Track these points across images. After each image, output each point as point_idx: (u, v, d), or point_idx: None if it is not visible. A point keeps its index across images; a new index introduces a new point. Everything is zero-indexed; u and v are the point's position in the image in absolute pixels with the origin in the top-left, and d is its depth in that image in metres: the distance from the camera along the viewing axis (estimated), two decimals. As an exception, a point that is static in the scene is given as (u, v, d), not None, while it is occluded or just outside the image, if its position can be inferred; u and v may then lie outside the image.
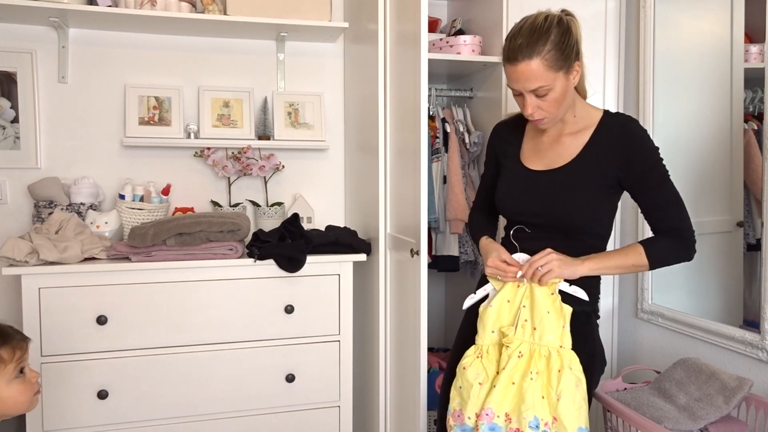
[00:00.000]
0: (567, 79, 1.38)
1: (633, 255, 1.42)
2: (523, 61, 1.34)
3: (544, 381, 1.36)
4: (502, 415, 1.36)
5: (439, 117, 2.32)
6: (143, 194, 2.21)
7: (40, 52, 2.22)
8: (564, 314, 1.39)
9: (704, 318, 1.86)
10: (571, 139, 1.47)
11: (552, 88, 1.36)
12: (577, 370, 1.36)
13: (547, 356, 1.37)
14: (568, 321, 1.39)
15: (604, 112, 1.48)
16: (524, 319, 1.41)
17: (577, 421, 1.33)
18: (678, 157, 2.01)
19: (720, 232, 1.91)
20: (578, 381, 1.36)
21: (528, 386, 1.34)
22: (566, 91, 1.40)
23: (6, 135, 2.20)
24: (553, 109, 1.40)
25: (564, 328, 1.38)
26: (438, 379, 2.27)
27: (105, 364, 1.88)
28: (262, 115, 2.41)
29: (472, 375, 1.42)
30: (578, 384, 1.35)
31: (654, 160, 1.41)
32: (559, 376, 1.34)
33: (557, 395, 1.33)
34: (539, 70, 1.34)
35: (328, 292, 2.07)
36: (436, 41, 2.23)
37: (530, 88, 1.36)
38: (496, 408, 1.36)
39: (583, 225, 1.45)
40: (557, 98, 1.39)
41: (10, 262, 1.79)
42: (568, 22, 1.38)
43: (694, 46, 2.00)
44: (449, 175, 2.27)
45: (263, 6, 2.21)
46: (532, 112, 1.40)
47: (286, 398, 2.05)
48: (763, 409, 1.56)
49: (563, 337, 1.38)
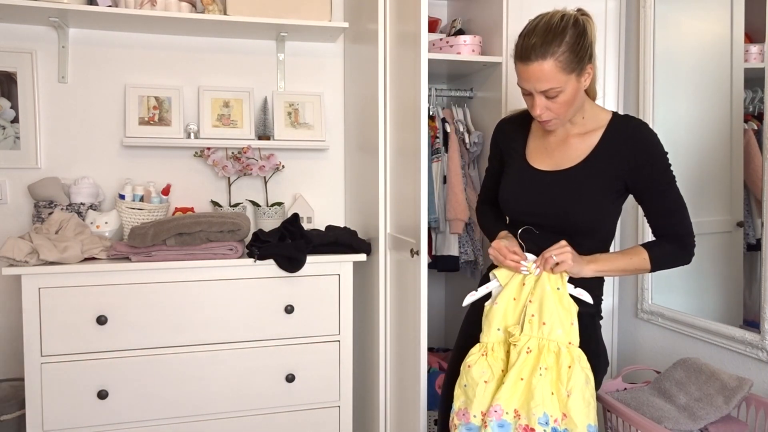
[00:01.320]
0: (578, 81, 1.36)
1: (637, 259, 1.41)
2: (536, 61, 1.31)
3: (554, 377, 1.34)
4: (511, 412, 1.35)
5: (439, 117, 2.32)
6: (143, 194, 2.21)
7: (40, 52, 2.22)
8: (571, 311, 1.38)
9: (704, 318, 1.86)
10: (579, 140, 1.46)
11: (563, 90, 1.34)
12: (586, 367, 1.36)
13: (557, 352, 1.36)
14: (575, 318, 1.38)
15: (613, 114, 1.46)
16: (531, 314, 1.39)
17: (586, 419, 1.31)
18: (678, 157, 2.01)
19: (720, 232, 1.91)
20: (588, 378, 1.35)
21: (537, 382, 1.33)
22: (576, 93, 1.37)
23: (6, 135, 2.20)
24: (562, 111, 1.38)
25: (572, 324, 1.38)
26: (438, 379, 2.27)
27: (105, 364, 1.88)
28: (262, 115, 2.41)
29: (478, 373, 1.41)
30: (588, 381, 1.35)
31: (664, 166, 1.40)
32: (570, 373, 1.33)
33: (567, 391, 1.32)
34: (552, 71, 1.31)
35: (328, 292, 2.07)
36: (436, 41, 2.23)
37: (541, 89, 1.34)
38: (504, 405, 1.34)
39: (588, 228, 1.44)
40: (567, 100, 1.36)
41: (10, 262, 1.79)
42: (584, 22, 1.36)
43: (694, 46, 1.99)
44: (449, 175, 2.27)
45: (263, 6, 2.21)
46: (541, 113, 1.38)
47: (286, 398, 2.05)
48: (763, 409, 1.56)
49: (571, 333, 1.37)
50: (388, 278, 2.02)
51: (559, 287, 1.39)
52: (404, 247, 1.82)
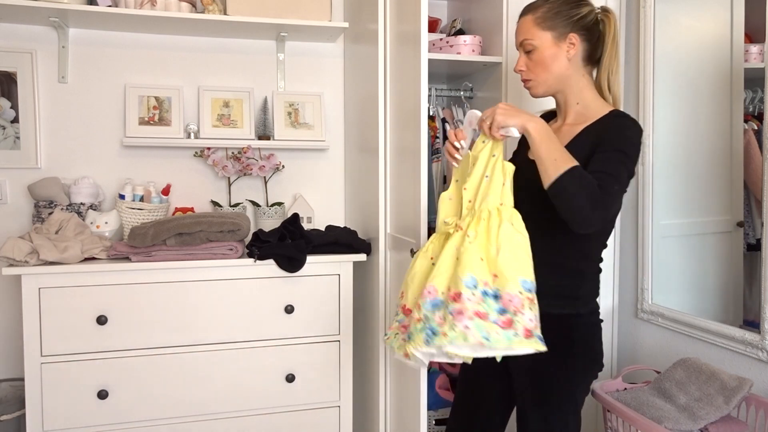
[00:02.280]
0: (557, 45, 1.43)
1: (561, 160, 1.27)
2: (523, 16, 1.47)
3: (483, 242, 1.25)
4: (445, 291, 1.26)
5: (439, 117, 2.32)
6: (143, 194, 2.21)
7: (40, 52, 2.22)
8: (505, 172, 1.31)
9: (704, 318, 1.86)
10: (569, 129, 1.47)
11: (536, 47, 1.44)
12: (519, 226, 1.28)
13: (487, 217, 1.28)
14: (509, 178, 1.32)
15: (612, 110, 1.44)
16: (468, 201, 1.34)
17: (517, 272, 1.22)
18: (678, 157, 2.02)
19: (720, 232, 1.91)
20: (522, 237, 1.26)
21: (464, 249, 1.25)
22: (554, 58, 1.43)
23: (6, 135, 2.20)
24: (538, 71, 1.45)
25: (504, 185, 1.30)
26: (438, 379, 2.27)
27: (105, 364, 1.88)
28: (262, 115, 2.41)
29: (418, 266, 1.39)
30: (522, 241, 1.26)
31: (620, 142, 1.33)
32: (498, 231, 1.25)
33: (496, 248, 1.23)
34: (529, 24, 1.45)
35: (328, 292, 2.07)
36: (436, 41, 2.23)
37: (518, 40, 1.48)
38: (438, 284, 1.27)
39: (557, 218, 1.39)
40: (542, 60, 1.44)
41: (10, 262, 1.79)
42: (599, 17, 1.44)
43: (694, 46, 2.00)
44: (449, 175, 2.27)
45: (263, 6, 2.21)
46: (520, 69, 1.49)
47: (286, 398, 2.05)
48: (763, 409, 1.56)
49: (503, 194, 1.29)
50: (388, 278, 2.02)
51: (495, 154, 1.33)
52: (404, 247, 1.82)
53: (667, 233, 2.04)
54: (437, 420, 2.21)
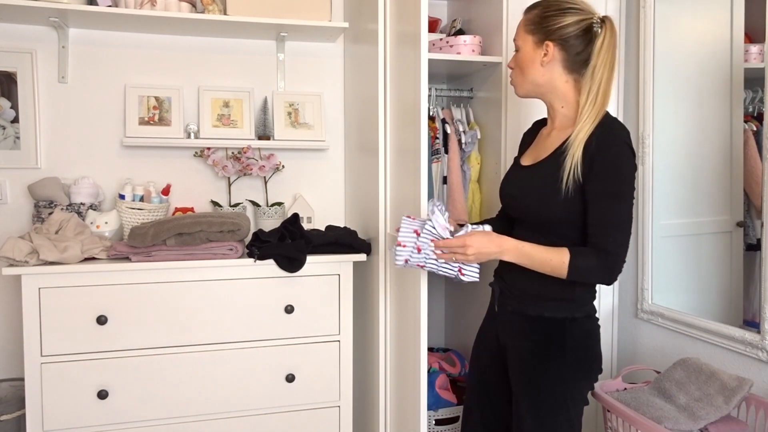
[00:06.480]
0: (534, 51, 1.45)
1: (557, 260, 1.36)
2: (523, 16, 1.51)
3: None
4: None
5: (439, 117, 2.32)
6: (143, 194, 2.21)
7: (40, 52, 2.22)
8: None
9: (704, 318, 1.86)
10: (557, 133, 1.48)
11: (520, 48, 1.49)
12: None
13: None
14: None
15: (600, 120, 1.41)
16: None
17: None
18: (678, 157, 2.02)
19: (720, 232, 1.91)
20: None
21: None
22: (530, 62, 1.45)
23: (6, 135, 2.20)
24: (518, 72, 1.50)
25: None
26: (438, 379, 2.27)
27: (105, 364, 1.88)
28: (262, 115, 2.41)
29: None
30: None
31: (616, 176, 1.34)
32: None
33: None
34: (520, 25, 1.50)
35: (328, 292, 2.07)
36: (436, 41, 2.23)
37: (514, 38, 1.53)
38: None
39: (554, 223, 1.41)
40: (522, 62, 1.48)
41: (10, 262, 1.79)
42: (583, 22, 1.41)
43: (694, 46, 2.00)
44: (449, 176, 2.27)
45: (263, 6, 2.21)
46: (509, 66, 1.55)
47: (286, 398, 2.05)
48: (763, 409, 1.56)
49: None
50: (388, 278, 2.02)
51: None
52: (404, 247, 1.82)
53: (667, 233, 2.04)
54: (437, 420, 2.21)
